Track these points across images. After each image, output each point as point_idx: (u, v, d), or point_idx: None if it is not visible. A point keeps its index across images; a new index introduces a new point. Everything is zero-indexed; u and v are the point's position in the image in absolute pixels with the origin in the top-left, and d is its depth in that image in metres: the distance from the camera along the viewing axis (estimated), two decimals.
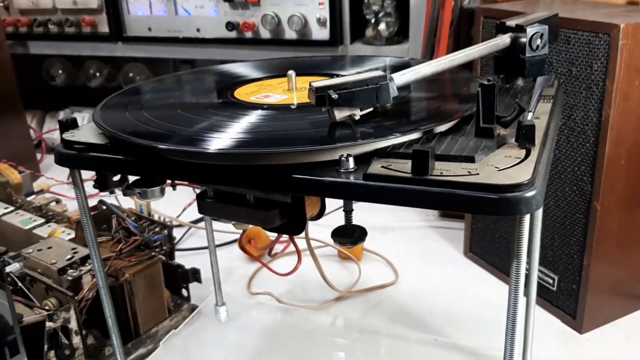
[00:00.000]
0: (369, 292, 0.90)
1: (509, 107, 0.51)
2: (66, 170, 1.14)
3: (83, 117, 1.57)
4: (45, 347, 0.67)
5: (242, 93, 0.62)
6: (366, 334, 0.80)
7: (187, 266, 0.87)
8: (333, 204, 0.65)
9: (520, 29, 0.61)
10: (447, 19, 0.89)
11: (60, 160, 0.54)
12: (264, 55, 1.24)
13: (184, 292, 0.88)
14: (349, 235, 0.50)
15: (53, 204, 0.97)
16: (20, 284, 0.74)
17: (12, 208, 0.96)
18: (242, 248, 0.76)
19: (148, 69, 1.51)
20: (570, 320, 0.81)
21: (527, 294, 0.67)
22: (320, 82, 0.49)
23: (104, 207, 0.87)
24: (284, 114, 0.55)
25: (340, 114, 0.49)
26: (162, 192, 0.56)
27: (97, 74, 1.53)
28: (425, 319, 0.85)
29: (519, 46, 0.60)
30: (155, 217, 0.85)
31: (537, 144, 0.45)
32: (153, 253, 0.81)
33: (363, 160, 0.45)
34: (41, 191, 1.08)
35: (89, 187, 0.57)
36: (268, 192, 0.49)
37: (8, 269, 0.77)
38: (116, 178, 0.58)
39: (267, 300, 0.90)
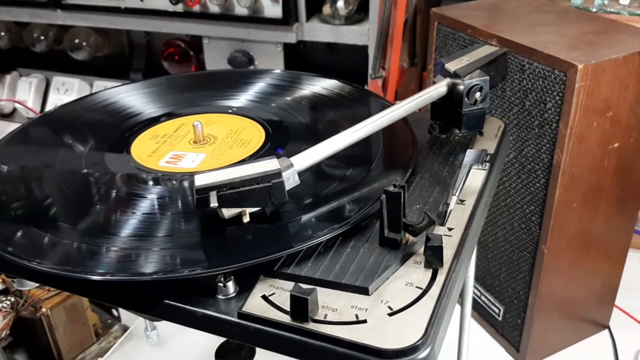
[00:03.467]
0: None
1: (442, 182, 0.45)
2: None
3: (30, 82, 1.47)
4: None
5: (142, 152, 0.53)
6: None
7: None
8: None
9: (458, 76, 0.53)
10: (400, 18, 0.80)
11: None
12: (213, 31, 1.14)
13: (114, 312, 0.84)
14: (237, 356, 0.45)
15: None
16: None
17: None
18: None
19: (97, 34, 1.39)
20: (514, 352, 0.77)
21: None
22: (203, 177, 0.41)
23: None
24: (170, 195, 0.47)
25: (229, 212, 0.42)
26: None
27: (42, 37, 1.42)
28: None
29: (456, 98, 0.53)
30: None
31: (446, 263, 0.39)
32: None
33: (248, 276, 0.39)
34: None
35: None
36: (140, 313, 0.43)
37: None
38: None
39: None
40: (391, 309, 0.36)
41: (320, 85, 0.61)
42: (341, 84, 0.61)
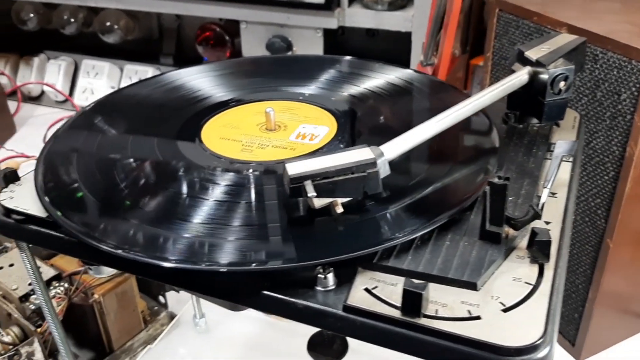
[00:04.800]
0: None
1: (522, 174, 0.44)
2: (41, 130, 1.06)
3: (59, 65, 1.46)
4: None
5: (211, 136, 0.52)
6: (353, 353, 0.76)
7: None
8: None
9: (541, 65, 0.51)
10: (457, 4, 0.78)
11: (1, 230, 0.47)
12: (251, 16, 1.12)
13: (161, 298, 0.83)
14: (328, 348, 0.44)
15: None
16: None
17: None
18: None
19: (128, 17, 1.38)
20: (569, 346, 0.76)
21: None
22: (296, 165, 0.40)
23: None
24: (255, 184, 0.46)
25: (320, 202, 0.41)
26: None
27: (72, 20, 1.40)
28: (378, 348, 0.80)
29: (538, 87, 0.51)
30: None
31: (551, 258, 0.38)
32: None
33: (343, 268, 0.38)
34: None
35: None
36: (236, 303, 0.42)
37: None
38: None
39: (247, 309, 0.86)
40: (504, 305, 0.35)
41: (395, 75, 0.60)
42: (416, 73, 0.60)
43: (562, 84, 0.51)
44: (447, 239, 0.40)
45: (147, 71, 1.37)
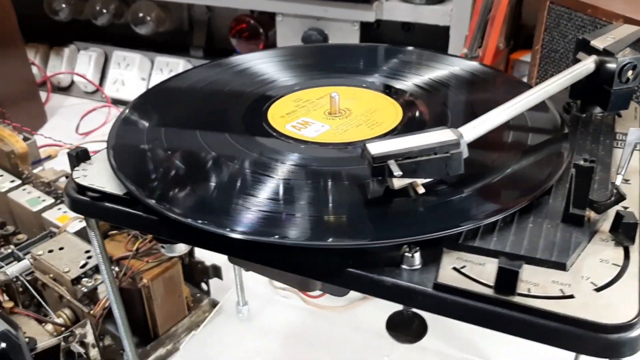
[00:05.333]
0: None
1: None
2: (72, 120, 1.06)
3: (90, 55, 1.47)
4: None
5: (276, 116, 0.53)
6: (392, 346, 0.76)
7: (201, 256, 0.82)
8: None
9: (609, 53, 0.51)
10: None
11: (74, 207, 0.47)
12: (287, 8, 1.12)
13: (204, 286, 0.84)
14: (407, 328, 0.44)
15: (63, 179, 0.91)
16: (32, 290, 0.69)
17: (18, 182, 0.90)
18: None
19: (159, 9, 1.38)
20: None
21: None
22: (377, 145, 0.41)
23: None
24: (330, 166, 0.46)
25: (399, 183, 0.42)
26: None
27: (104, 11, 1.41)
28: (456, 330, 0.80)
29: (605, 75, 0.51)
30: None
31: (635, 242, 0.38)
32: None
33: (428, 248, 0.38)
34: (49, 157, 1.01)
35: None
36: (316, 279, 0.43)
37: (17, 267, 0.72)
38: None
39: (289, 296, 0.86)
40: (595, 285, 0.35)
41: (459, 67, 0.60)
42: (480, 65, 0.60)
43: (629, 73, 0.51)
44: (530, 221, 0.40)
45: (178, 63, 1.38)
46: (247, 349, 0.77)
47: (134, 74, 1.41)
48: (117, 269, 0.70)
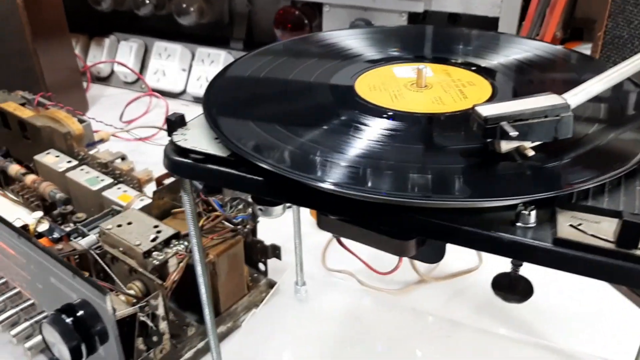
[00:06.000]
0: (452, 278, 0.86)
1: None
2: (113, 109, 1.08)
3: (131, 46, 1.49)
4: (136, 336, 0.65)
5: (364, 87, 0.54)
6: (453, 326, 0.77)
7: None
8: None
9: None
10: None
11: (173, 168, 0.48)
12: None
13: (261, 266, 0.84)
14: (513, 289, 0.45)
15: (118, 160, 0.92)
16: (102, 263, 0.70)
17: (75, 162, 0.91)
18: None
19: (202, 1, 1.40)
20: None
21: None
22: (487, 108, 0.41)
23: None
24: (428, 132, 0.47)
25: (507, 146, 0.42)
26: (284, 209, 0.50)
27: (147, 1, 1.43)
28: (511, 312, 0.81)
29: None
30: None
31: None
32: (236, 231, 0.77)
33: (541, 207, 0.38)
34: (101, 141, 1.03)
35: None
36: (425, 238, 0.43)
37: (84, 241, 0.73)
38: None
39: (344, 278, 0.87)
40: None
41: (542, 49, 0.61)
42: (567, 50, 0.61)
43: None
44: (636, 184, 0.41)
45: (219, 54, 1.39)
46: (306, 329, 0.78)
47: (174, 65, 1.43)
48: (185, 243, 0.71)
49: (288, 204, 0.51)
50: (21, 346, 0.75)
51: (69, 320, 0.60)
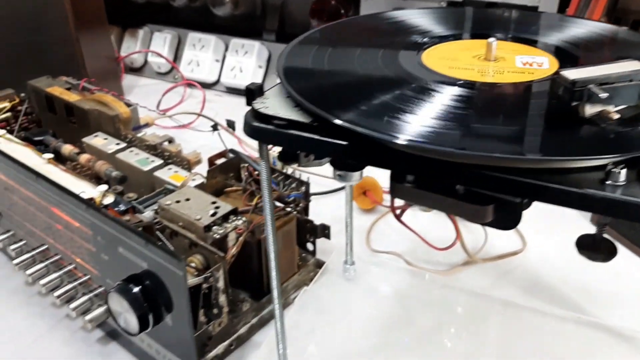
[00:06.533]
0: (498, 260, 0.87)
1: None
2: (147, 98, 1.09)
3: (165, 37, 1.50)
4: (200, 307, 0.66)
5: (432, 59, 0.55)
6: (504, 306, 0.77)
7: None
8: None
9: None
10: None
11: (254, 134, 0.50)
12: None
13: (310, 246, 0.86)
14: (597, 249, 0.46)
15: (166, 143, 0.94)
16: (163, 238, 0.71)
17: (124, 144, 0.93)
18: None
19: None
20: None
21: None
22: (573, 72, 0.43)
23: (233, 156, 0.83)
24: (509, 99, 0.49)
25: (592, 110, 0.43)
26: (361, 175, 0.52)
27: None
28: (559, 292, 0.82)
29: None
30: (289, 171, 0.81)
31: None
32: (289, 209, 0.78)
33: (629, 168, 0.39)
34: (146, 125, 1.04)
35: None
36: (513, 196, 0.44)
37: (143, 216, 0.75)
38: None
39: (391, 259, 0.88)
40: None
41: (601, 29, 0.62)
42: (628, 30, 0.62)
43: None
44: None
45: (253, 45, 1.41)
46: (357, 306, 0.79)
47: (208, 56, 1.44)
48: (243, 219, 0.72)
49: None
50: (77, 321, 0.77)
51: (137, 289, 0.62)
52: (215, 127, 1.07)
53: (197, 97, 1.42)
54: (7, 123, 1.03)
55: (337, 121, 0.44)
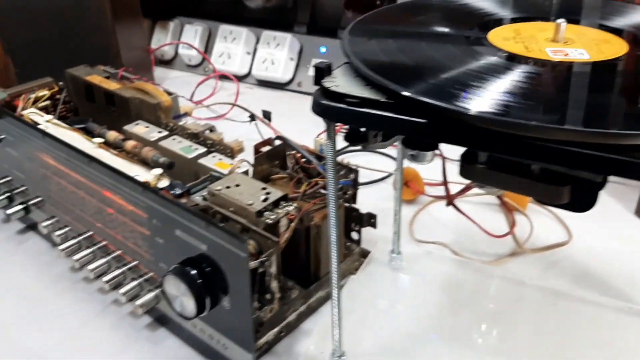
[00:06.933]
0: (545, 251, 0.86)
1: None
2: (178, 90, 1.10)
3: (196, 29, 1.50)
4: (255, 291, 0.66)
5: (497, 37, 0.55)
6: (556, 296, 0.76)
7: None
8: None
9: None
10: None
11: (324, 112, 0.49)
12: None
13: (355, 235, 0.85)
14: None
15: (207, 131, 0.93)
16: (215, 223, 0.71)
17: (165, 132, 0.93)
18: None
19: None
20: None
21: None
22: None
23: (280, 143, 0.83)
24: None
25: None
26: (433, 156, 0.51)
27: None
28: (608, 283, 0.81)
29: None
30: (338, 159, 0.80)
31: None
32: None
33: None
34: (185, 114, 1.04)
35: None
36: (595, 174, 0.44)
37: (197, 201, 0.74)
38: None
39: (436, 249, 0.87)
40: None
41: None
42: None
43: None
44: None
45: (285, 37, 1.40)
46: (405, 295, 0.78)
47: (240, 48, 1.44)
48: (295, 205, 0.71)
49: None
50: (124, 307, 0.77)
51: (194, 271, 0.62)
52: (252, 118, 1.07)
53: (227, 90, 1.42)
54: (46, 111, 1.03)
55: (421, 97, 0.44)
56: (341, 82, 0.50)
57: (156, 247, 0.67)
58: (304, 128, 0.97)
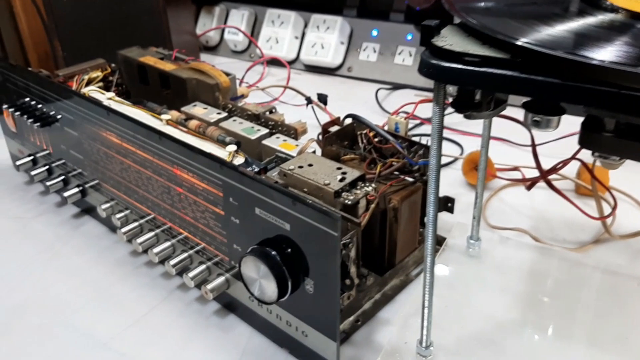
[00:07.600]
0: (635, 237, 0.80)
1: None
2: (230, 71, 1.06)
3: (242, 14, 1.47)
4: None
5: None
6: None
7: None
8: None
9: None
10: None
11: (436, 74, 0.45)
12: None
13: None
14: None
15: (268, 113, 0.89)
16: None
17: (224, 114, 0.89)
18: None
19: None
20: None
21: None
22: None
23: (350, 122, 0.79)
24: None
25: None
26: (558, 122, 0.46)
27: None
28: None
29: None
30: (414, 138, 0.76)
31: None
32: (413, 178, 0.73)
33: None
34: (242, 96, 1.00)
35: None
36: None
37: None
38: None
39: (515, 235, 0.82)
40: None
41: None
42: None
43: None
44: None
45: (335, 20, 1.36)
46: (486, 284, 0.73)
47: (288, 32, 1.40)
48: (373, 185, 0.67)
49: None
50: (190, 292, 0.73)
51: (274, 252, 0.57)
52: (309, 101, 1.02)
53: (275, 75, 1.38)
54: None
55: (557, 53, 0.39)
56: (454, 41, 0.46)
57: (231, 227, 0.63)
58: (356, 113, 0.93)
